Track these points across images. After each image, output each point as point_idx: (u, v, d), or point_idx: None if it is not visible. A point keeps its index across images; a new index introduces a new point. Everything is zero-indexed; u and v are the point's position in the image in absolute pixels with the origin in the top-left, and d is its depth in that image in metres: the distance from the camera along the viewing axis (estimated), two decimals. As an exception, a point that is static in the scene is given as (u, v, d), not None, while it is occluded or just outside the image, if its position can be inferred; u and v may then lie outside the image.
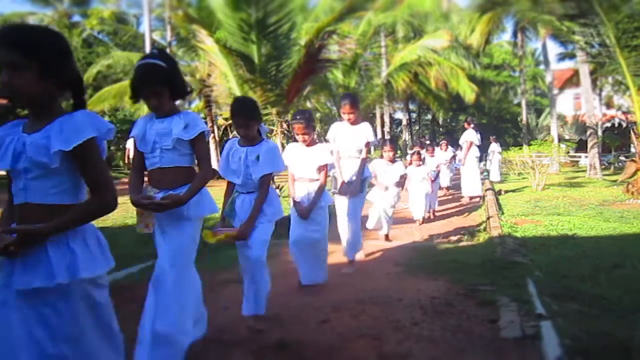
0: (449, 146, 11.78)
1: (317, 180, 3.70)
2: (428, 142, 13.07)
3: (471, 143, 10.29)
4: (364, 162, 4.36)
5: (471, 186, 10.35)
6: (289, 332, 2.80)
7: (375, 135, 5.55)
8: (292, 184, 3.80)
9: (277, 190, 6.50)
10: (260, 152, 2.91)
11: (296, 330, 2.76)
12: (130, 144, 15.60)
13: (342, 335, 2.83)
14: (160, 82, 2.30)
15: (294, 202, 3.76)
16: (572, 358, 2.34)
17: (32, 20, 23.89)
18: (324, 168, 3.71)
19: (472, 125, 10.39)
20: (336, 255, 4.54)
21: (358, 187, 4.28)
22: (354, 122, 4.33)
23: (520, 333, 2.70)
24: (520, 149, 14.84)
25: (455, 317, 3.06)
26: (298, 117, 3.69)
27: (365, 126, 4.37)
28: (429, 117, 38.67)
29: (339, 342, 2.73)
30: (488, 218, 7.12)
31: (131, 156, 3.97)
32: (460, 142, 10.74)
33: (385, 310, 3.24)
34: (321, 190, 3.68)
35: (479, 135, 10.46)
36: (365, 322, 3.02)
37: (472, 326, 2.89)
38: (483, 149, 12.29)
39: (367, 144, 4.33)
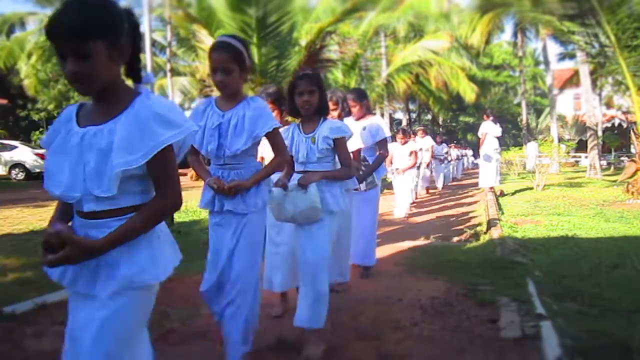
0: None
1: None
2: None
3: (485, 135, 10.40)
4: None
5: (485, 178, 10.46)
6: (289, 332, 2.80)
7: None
8: None
9: None
10: None
11: (296, 330, 2.75)
12: None
13: (342, 336, 2.83)
14: None
15: None
16: (572, 358, 2.34)
17: (32, 20, 23.85)
18: None
19: (490, 118, 10.55)
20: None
21: None
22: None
23: (520, 333, 2.71)
24: (521, 149, 14.85)
25: (455, 317, 3.06)
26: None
27: None
28: (429, 117, 38.67)
29: (339, 342, 2.73)
30: (488, 218, 7.12)
31: None
32: (479, 133, 10.93)
33: (385, 310, 3.24)
34: None
35: (498, 127, 10.51)
36: (365, 322, 3.02)
37: (472, 326, 2.89)
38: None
39: None
